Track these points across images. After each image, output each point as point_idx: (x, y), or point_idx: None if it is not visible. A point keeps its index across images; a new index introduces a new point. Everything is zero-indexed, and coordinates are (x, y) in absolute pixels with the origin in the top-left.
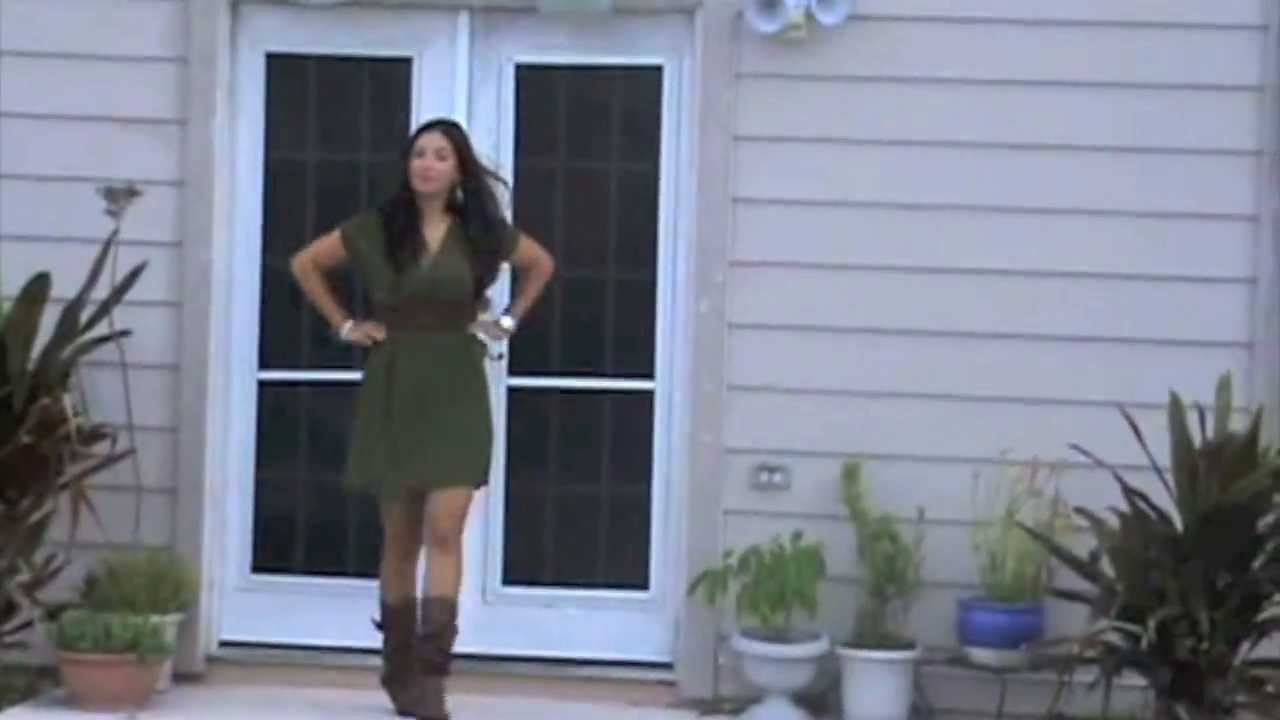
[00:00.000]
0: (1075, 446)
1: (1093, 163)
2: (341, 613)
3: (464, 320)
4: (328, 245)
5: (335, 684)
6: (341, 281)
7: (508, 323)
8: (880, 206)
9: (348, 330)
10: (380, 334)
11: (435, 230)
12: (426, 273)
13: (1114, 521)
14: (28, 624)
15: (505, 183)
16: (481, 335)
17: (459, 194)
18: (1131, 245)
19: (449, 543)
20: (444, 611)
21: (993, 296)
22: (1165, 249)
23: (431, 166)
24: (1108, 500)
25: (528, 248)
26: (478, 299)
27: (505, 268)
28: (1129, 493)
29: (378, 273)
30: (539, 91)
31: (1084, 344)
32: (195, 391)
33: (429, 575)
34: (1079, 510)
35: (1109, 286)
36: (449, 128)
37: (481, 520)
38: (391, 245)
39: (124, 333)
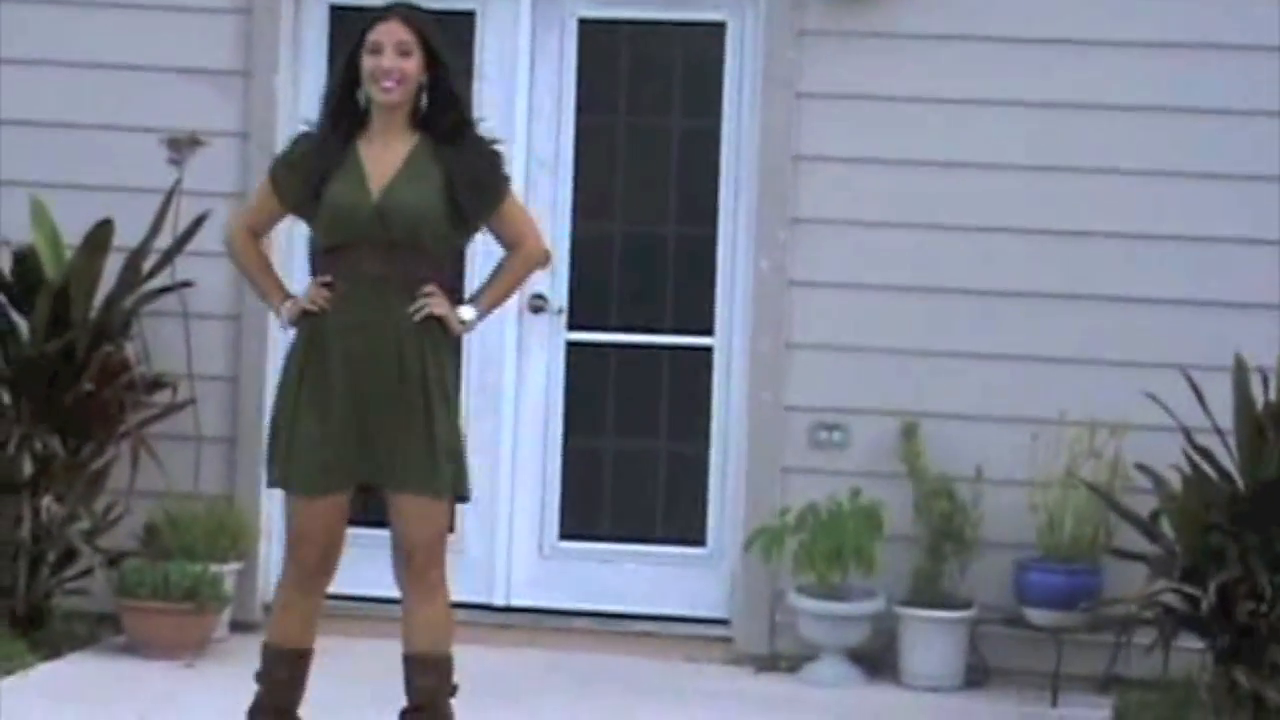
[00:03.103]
0: (1150, 396)
1: (1157, 123)
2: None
3: (426, 274)
4: (262, 199)
5: (392, 635)
6: None
7: (467, 314)
8: (942, 165)
9: (288, 310)
10: (324, 297)
11: (393, 150)
12: (375, 199)
13: (1175, 482)
14: (88, 571)
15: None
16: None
17: (423, 102)
18: (1194, 206)
19: (428, 578)
20: (434, 674)
21: (1054, 257)
22: (1228, 209)
23: (394, 68)
24: (1167, 464)
25: (514, 213)
26: (454, 252)
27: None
28: (1195, 449)
29: (312, 208)
30: (601, 47)
31: (1145, 305)
32: (256, 341)
33: (408, 624)
34: (1140, 467)
35: (1171, 247)
36: (410, 11)
37: (540, 474)
38: (328, 168)
39: (186, 283)
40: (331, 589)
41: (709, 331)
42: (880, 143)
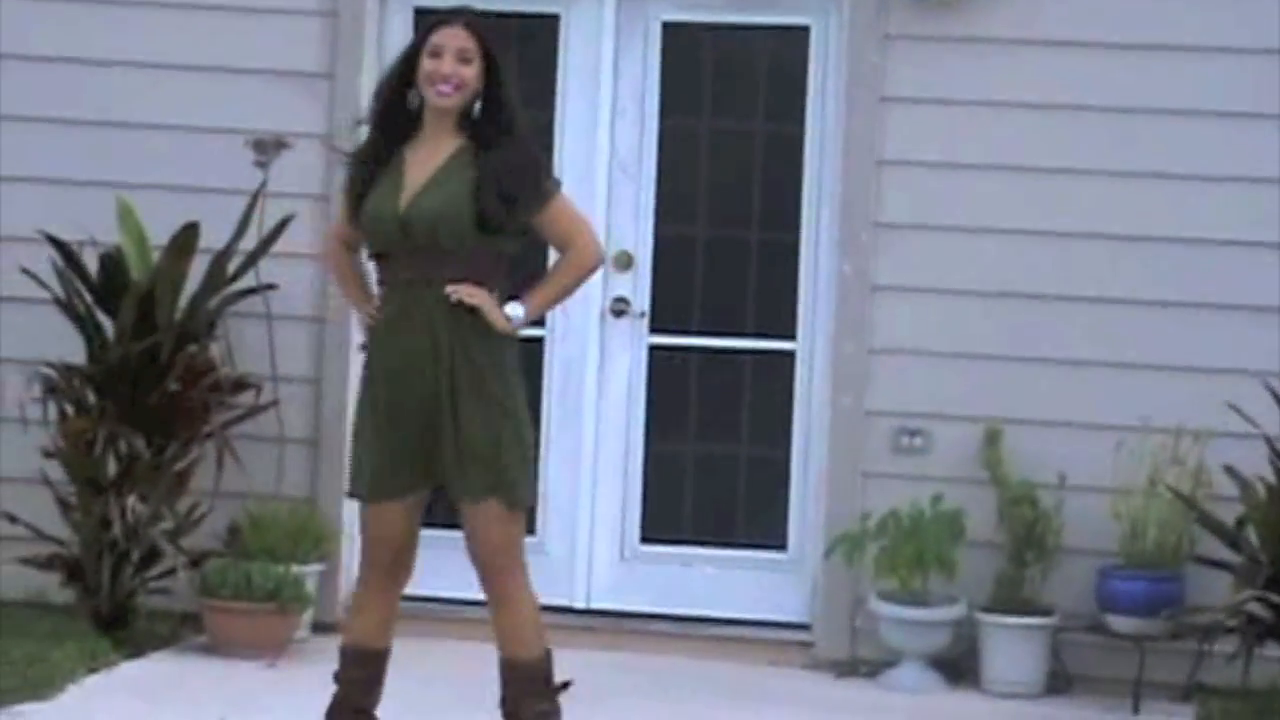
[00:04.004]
0: (1233, 406)
1: (1244, 128)
2: None
3: (457, 277)
4: (346, 214)
5: (473, 637)
6: None
7: (514, 310)
8: (1026, 170)
9: (362, 322)
10: (371, 312)
11: (436, 152)
12: (401, 209)
13: (1261, 489)
14: (171, 571)
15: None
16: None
17: (476, 108)
18: (1276, 212)
19: (496, 587)
20: (517, 680)
21: (1137, 262)
22: None
23: (454, 73)
24: (1250, 472)
25: (563, 216)
26: (493, 254)
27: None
28: (1278, 459)
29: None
30: (685, 50)
31: (1229, 311)
32: (338, 344)
33: (494, 630)
34: (1228, 469)
35: (1255, 254)
36: (475, 18)
37: (621, 478)
38: (374, 176)
39: (270, 285)
40: (412, 590)
41: (791, 336)
42: (963, 147)
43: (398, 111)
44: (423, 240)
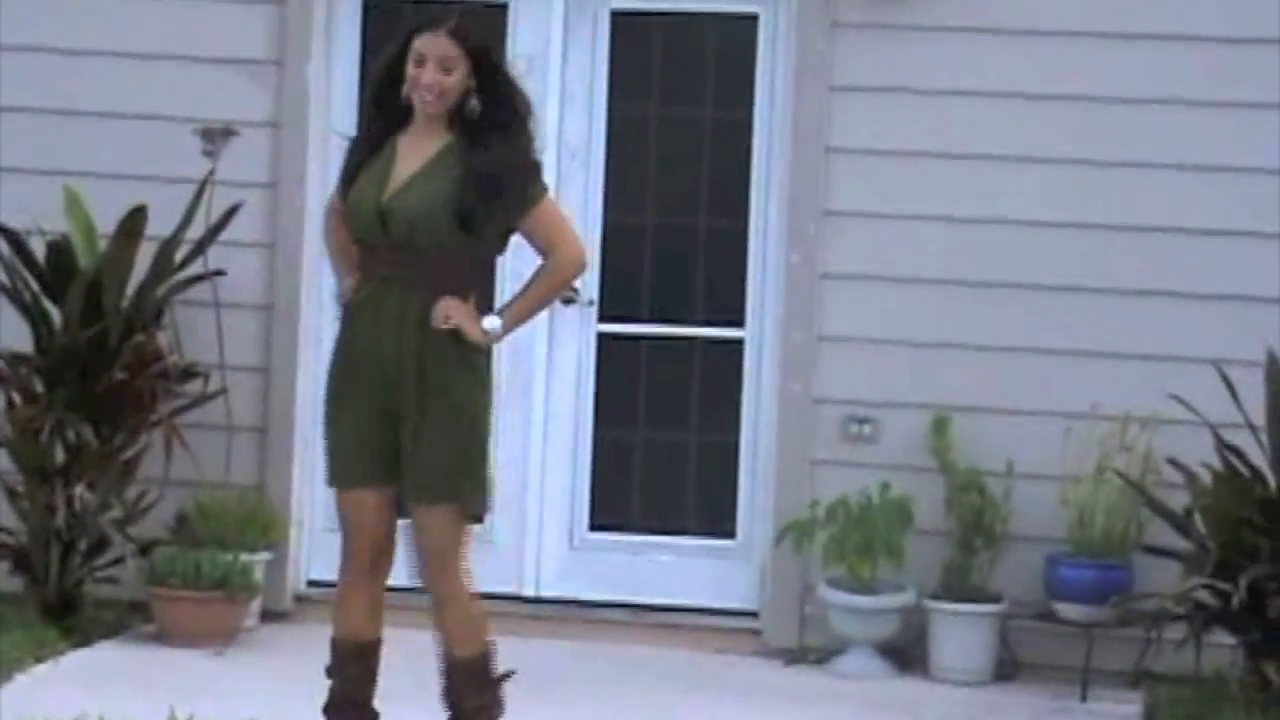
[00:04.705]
0: (1175, 397)
1: (1183, 117)
2: None
3: (442, 283)
4: (340, 186)
5: (420, 625)
6: None
7: (490, 324)
8: (974, 158)
9: (341, 295)
10: (351, 288)
11: (425, 146)
12: (383, 200)
13: (1207, 477)
14: (119, 560)
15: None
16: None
17: (473, 103)
18: (1222, 200)
19: (440, 582)
20: (458, 676)
21: (1087, 250)
22: (1258, 205)
23: (434, 83)
24: (1199, 459)
25: (548, 219)
26: (472, 257)
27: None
28: (1224, 448)
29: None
30: (634, 39)
31: (1178, 299)
32: (287, 332)
33: (436, 627)
34: (1172, 462)
35: (1203, 242)
36: (459, 25)
37: (570, 466)
38: (364, 162)
39: (218, 272)
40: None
41: (740, 323)
42: (912, 136)
43: (392, 100)
44: (400, 236)
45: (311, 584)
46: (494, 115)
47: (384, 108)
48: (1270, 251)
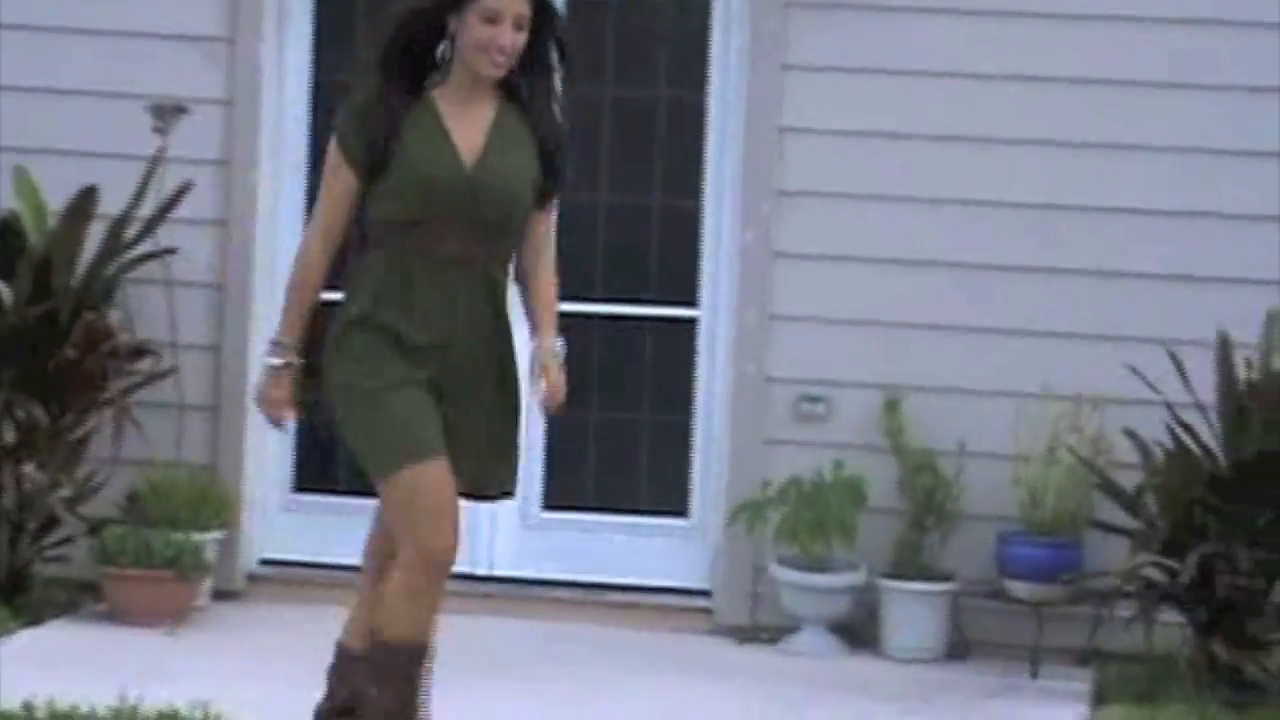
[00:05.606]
0: (1131, 369)
1: (1139, 98)
2: None
3: (505, 259)
4: (331, 184)
5: None
6: None
7: (561, 348)
8: (927, 138)
9: (277, 360)
10: (289, 417)
11: (479, 112)
12: (469, 171)
13: (1159, 454)
14: (70, 539)
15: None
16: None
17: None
18: (1176, 182)
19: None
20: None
21: (1038, 230)
22: (1209, 186)
23: (511, 44)
24: (1149, 439)
25: (550, 215)
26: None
27: None
28: (1177, 426)
29: (390, 176)
30: (588, 18)
31: (1130, 279)
32: (239, 310)
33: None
34: (1129, 434)
35: (1153, 223)
36: None
37: (523, 445)
38: (399, 123)
39: (170, 250)
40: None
41: (693, 303)
42: (865, 115)
43: (415, 60)
44: (494, 212)
45: (264, 563)
46: (543, 75)
47: (406, 64)
48: (1222, 233)
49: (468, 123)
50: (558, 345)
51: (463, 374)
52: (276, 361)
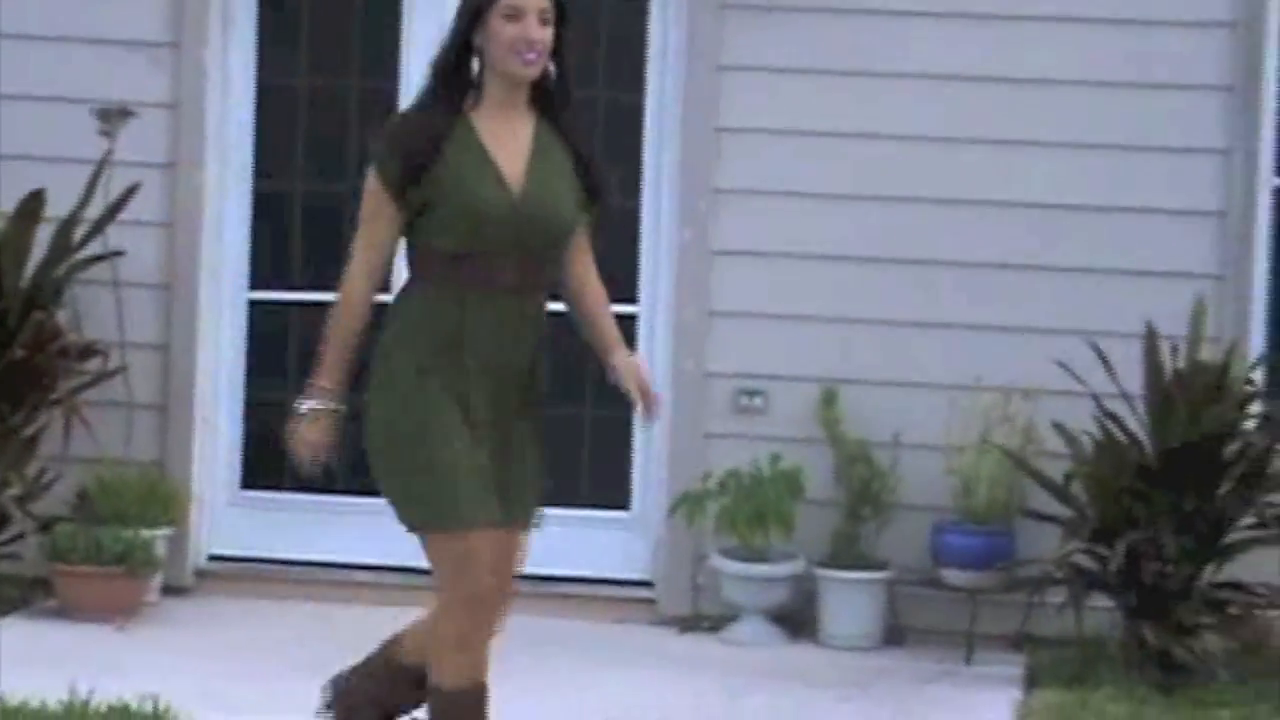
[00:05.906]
0: (1059, 363)
1: (1070, 96)
2: (327, 529)
3: (551, 281)
4: (372, 217)
5: (320, 599)
6: None
7: (639, 358)
8: (862, 137)
9: (318, 404)
10: (325, 459)
11: (517, 131)
12: (515, 199)
13: (1088, 444)
14: (20, 536)
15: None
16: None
17: (550, 72)
18: (1106, 177)
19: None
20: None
21: (971, 226)
22: (1138, 181)
23: (541, 38)
24: (1079, 429)
25: (591, 229)
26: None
27: None
28: (1104, 417)
29: (438, 206)
30: None
31: (1060, 273)
32: (186, 310)
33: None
34: (1057, 426)
35: (1083, 218)
36: None
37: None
38: (441, 147)
39: (117, 252)
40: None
41: (633, 300)
42: (801, 115)
43: (457, 81)
44: (537, 238)
45: (213, 559)
46: (563, 84)
47: (449, 87)
48: (1150, 226)
49: (506, 144)
50: (637, 357)
51: (504, 402)
52: (317, 406)
